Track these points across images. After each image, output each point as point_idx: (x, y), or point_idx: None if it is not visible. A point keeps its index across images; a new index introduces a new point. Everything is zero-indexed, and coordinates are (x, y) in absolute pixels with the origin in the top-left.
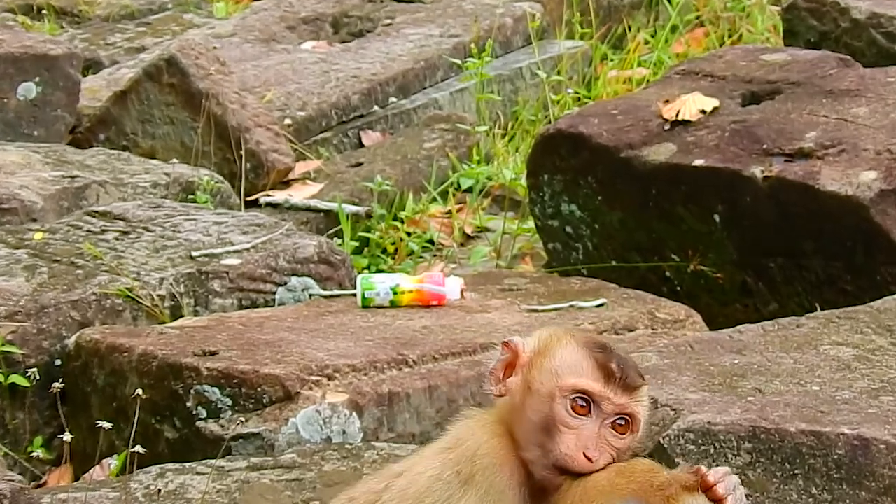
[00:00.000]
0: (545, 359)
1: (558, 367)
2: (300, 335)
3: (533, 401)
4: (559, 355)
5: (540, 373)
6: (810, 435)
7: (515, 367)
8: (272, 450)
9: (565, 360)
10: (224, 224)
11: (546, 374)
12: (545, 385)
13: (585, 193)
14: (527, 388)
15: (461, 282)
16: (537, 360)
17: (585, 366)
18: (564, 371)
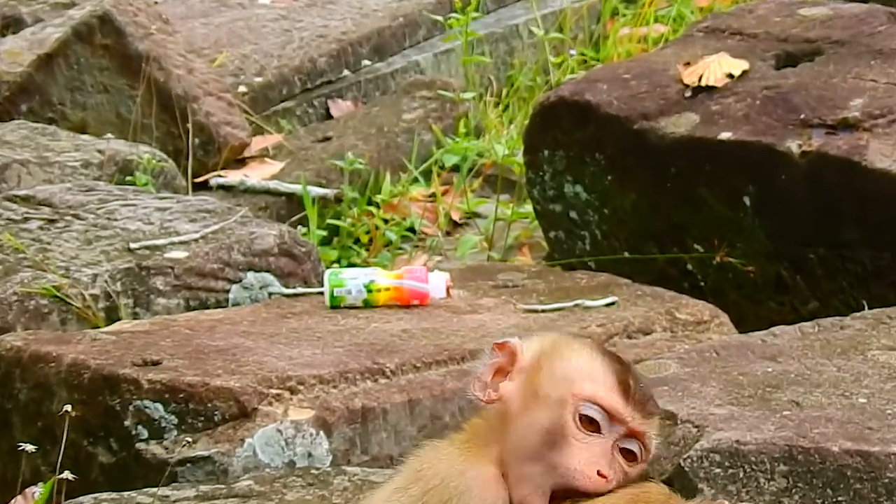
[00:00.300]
0: (557, 362)
1: (573, 373)
2: (258, 341)
3: (538, 407)
4: (574, 360)
5: (550, 376)
6: (856, 455)
7: (511, 372)
8: (225, 476)
9: (582, 365)
10: (168, 210)
11: (558, 378)
12: (556, 390)
13: (593, 172)
14: (530, 393)
15: (447, 277)
16: (546, 363)
17: (604, 376)
18: (581, 377)
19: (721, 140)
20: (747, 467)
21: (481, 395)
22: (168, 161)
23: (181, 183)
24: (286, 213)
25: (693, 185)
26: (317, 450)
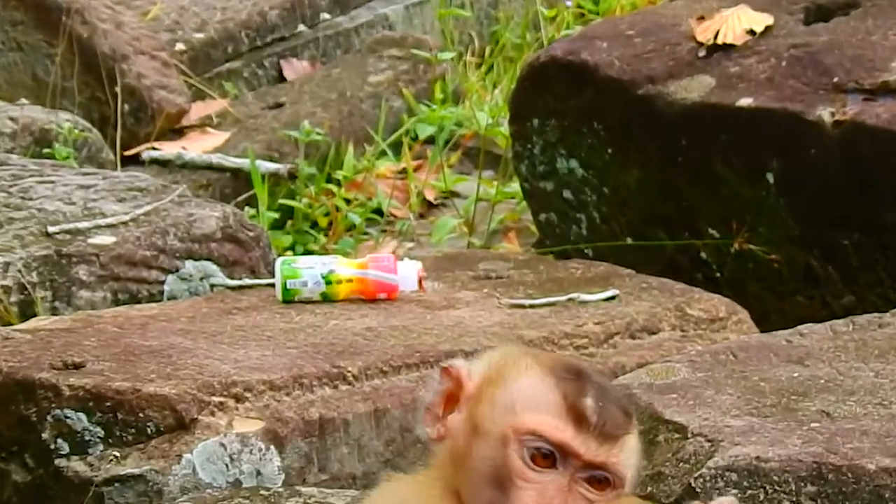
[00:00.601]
0: (497, 389)
1: (515, 401)
2: (197, 341)
3: (480, 445)
4: (517, 385)
5: (491, 408)
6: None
7: (459, 401)
8: (159, 497)
9: (524, 391)
10: (93, 188)
11: (498, 409)
12: (497, 424)
13: (590, 145)
14: (472, 427)
15: (419, 267)
16: (487, 391)
17: (550, 403)
18: (523, 407)
19: (740, 107)
20: (769, 488)
21: (431, 433)
22: (93, 131)
23: (108, 156)
24: (231, 191)
25: (708, 159)
26: (267, 467)
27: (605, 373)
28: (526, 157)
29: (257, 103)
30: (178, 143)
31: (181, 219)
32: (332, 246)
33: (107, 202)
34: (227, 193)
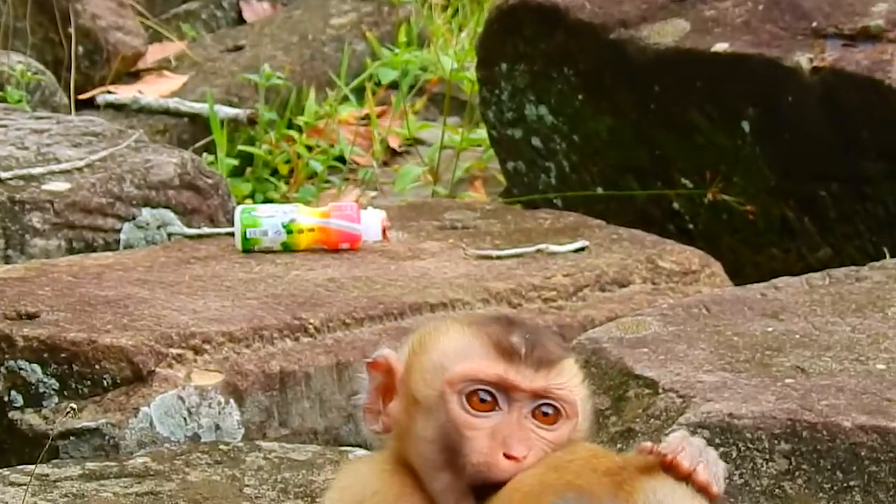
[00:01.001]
0: (423, 356)
1: (442, 359)
2: (155, 291)
3: (422, 414)
4: (441, 344)
5: (422, 375)
6: (873, 432)
7: (395, 388)
8: (116, 451)
9: (450, 346)
10: (47, 133)
11: (429, 373)
12: (431, 388)
13: (560, 91)
14: (410, 403)
15: (383, 216)
16: (416, 362)
17: (476, 346)
18: (450, 360)
19: (716, 53)
20: (742, 445)
21: (377, 427)
22: (46, 73)
23: (62, 100)
24: (189, 137)
25: (681, 107)
26: (226, 421)
27: (574, 326)
28: (493, 104)
29: (216, 46)
30: (134, 87)
31: (138, 165)
32: (293, 194)
33: (61, 147)
34: (184, 139)
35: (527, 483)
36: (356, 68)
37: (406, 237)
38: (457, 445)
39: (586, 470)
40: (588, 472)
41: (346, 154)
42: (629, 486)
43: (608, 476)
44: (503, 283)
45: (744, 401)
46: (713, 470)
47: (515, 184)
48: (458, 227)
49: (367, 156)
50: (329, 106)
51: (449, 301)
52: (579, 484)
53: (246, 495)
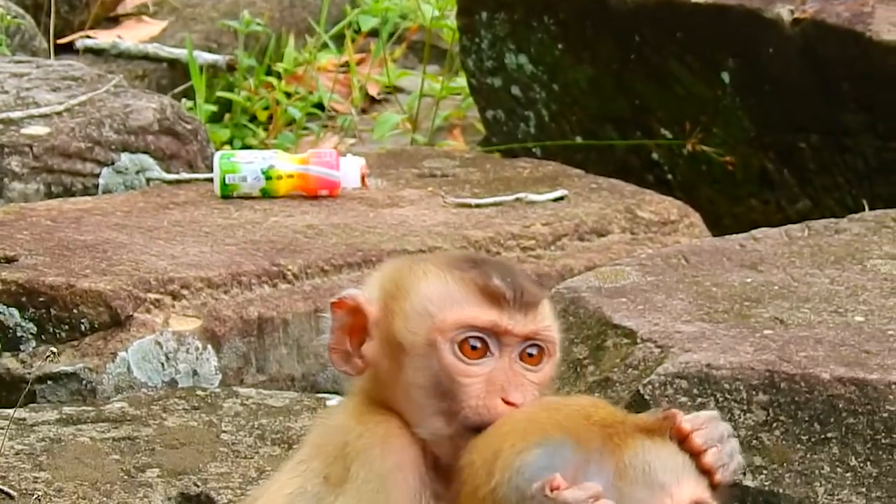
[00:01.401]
0: (405, 301)
1: (428, 305)
2: (133, 235)
3: (410, 360)
4: (423, 289)
5: (406, 321)
6: (850, 384)
7: (367, 329)
8: (93, 396)
9: (434, 292)
10: (26, 77)
11: (414, 319)
12: (419, 334)
13: (540, 40)
14: (395, 348)
15: (362, 163)
16: (395, 307)
17: (463, 293)
18: (438, 306)
19: (696, 3)
20: (720, 396)
21: (349, 369)
22: (26, 17)
23: (41, 44)
24: (168, 82)
25: (661, 57)
26: (203, 367)
27: (553, 276)
28: (473, 52)
29: None
30: (113, 32)
31: (117, 110)
32: (272, 141)
33: (40, 91)
34: (163, 84)
35: (517, 420)
36: (336, 15)
37: (385, 185)
38: (451, 392)
39: (579, 417)
40: (580, 418)
41: (324, 101)
42: (620, 440)
43: (600, 426)
44: (482, 231)
45: (722, 351)
46: (726, 460)
47: (494, 132)
48: (437, 176)
49: (345, 103)
50: (308, 53)
51: (427, 249)
52: (567, 427)
53: (223, 441)
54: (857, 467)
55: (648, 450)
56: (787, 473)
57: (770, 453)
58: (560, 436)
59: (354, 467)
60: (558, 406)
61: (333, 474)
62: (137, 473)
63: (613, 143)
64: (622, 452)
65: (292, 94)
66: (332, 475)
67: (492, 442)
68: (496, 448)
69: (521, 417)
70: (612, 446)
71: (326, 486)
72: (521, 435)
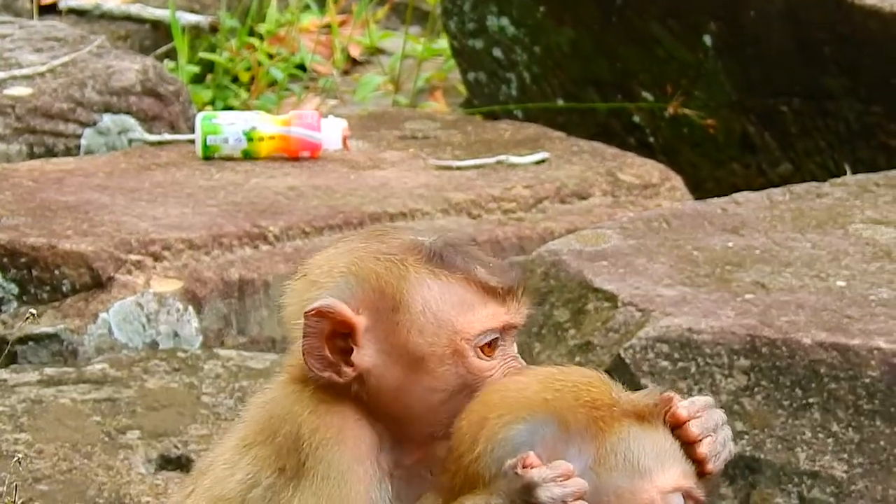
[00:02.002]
0: (411, 315)
1: (442, 317)
2: (115, 197)
3: (433, 368)
4: (429, 298)
5: (420, 333)
6: (832, 349)
7: (355, 337)
8: (74, 357)
9: (442, 300)
10: (8, 38)
11: (430, 330)
12: (438, 344)
13: (522, 3)
14: (408, 359)
15: (344, 125)
16: (397, 319)
17: (469, 296)
18: (456, 313)
19: None
20: (701, 360)
21: (333, 376)
22: None
23: (24, 5)
24: (151, 43)
25: (644, 20)
26: (184, 329)
27: (534, 238)
28: (455, 14)
29: None
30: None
31: (99, 71)
32: (254, 102)
33: (23, 52)
34: (146, 45)
35: (508, 390)
36: None
37: (366, 146)
38: (474, 389)
39: (570, 395)
40: (570, 398)
41: (306, 62)
42: (606, 423)
43: (589, 408)
44: (463, 193)
45: (703, 316)
46: (718, 449)
47: (476, 94)
48: (419, 137)
49: (327, 64)
50: (290, 14)
51: (409, 211)
52: (555, 406)
53: (203, 403)
54: (839, 433)
55: (634, 436)
56: (768, 439)
57: (751, 419)
58: (545, 414)
59: (311, 462)
60: (552, 381)
61: (289, 467)
62: (118, 435)
63: (595, 105)
64: (605, 437)
65: (274, 56)
66: (287, 468)
67: (481, 410)
68: (483, 416)
69: (513, 388)
70: (595, 430)
71: (281, 479)
72: (509, 407)
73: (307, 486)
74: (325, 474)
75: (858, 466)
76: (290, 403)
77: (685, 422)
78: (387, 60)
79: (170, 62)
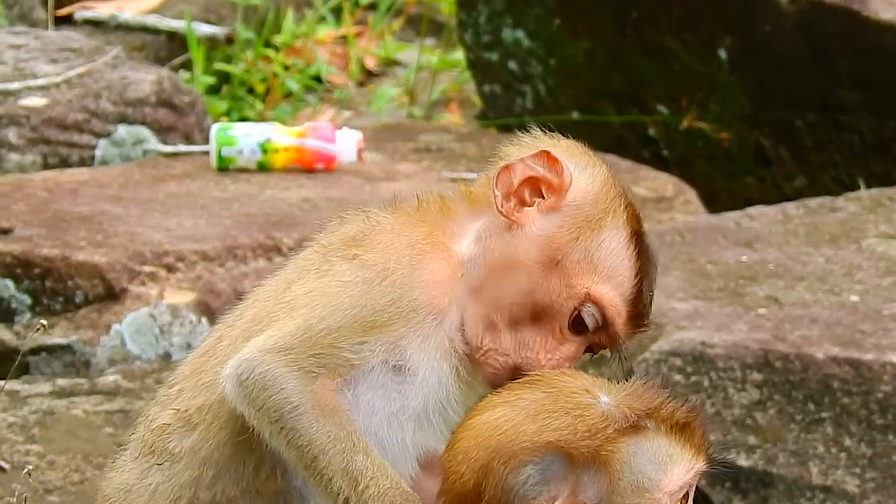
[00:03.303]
0: (591, 238)
1: (599, 264)
2: (129, 208)
3: (552, 278)
4: (607, 246)
5: (579, 254)
6: (845, 364)
7: (549, 199)
8: (87, 369)
9: (611, 259)
10: (24, 48)
11: (584, 261)
12: (576, 275)
13: (537, 15)
14: (552, 254)
15: (359, 137)
16: (582, 231)
17: (627, 278)
18: (604, 275)
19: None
20: (714, 374)
21: (500, 200)
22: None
23: (40, 15)
24: (166, 54)
25: (658, 33)
26: (197, 340)
27: None
28: (471, 26)
29: None
30: (112, 3)
31: (115, 81)
32: (269, 113)
33: (38, 63)
34: (161, 56)
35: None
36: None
37: (381, 158)
38: (540, 327)
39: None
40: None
41: (322, 74)
42: (606, 450)
43: (586, 440)
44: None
45: (717, 330)
46: None
47: (491, 107)
48: (433, 150)
49: (343, 76)
50: (306, 25)
51: None
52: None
53: None
54: (852, 448)
55: (634, 453)
56: (780, 453)
57: (764, 432)
58: (550, 452)
59: (390, 263)
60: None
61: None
62: None
63: (610, 118)
64: (611, 464)
65: (290, 67)
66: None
67: (480, 455)
68: (485, 462)
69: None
70: (600, 459)
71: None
72: (511, 451)
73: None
74: (395, 266)
75: (871, 481)
76: (399, 221)
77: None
78: (402, 72)
79: (185, 73)
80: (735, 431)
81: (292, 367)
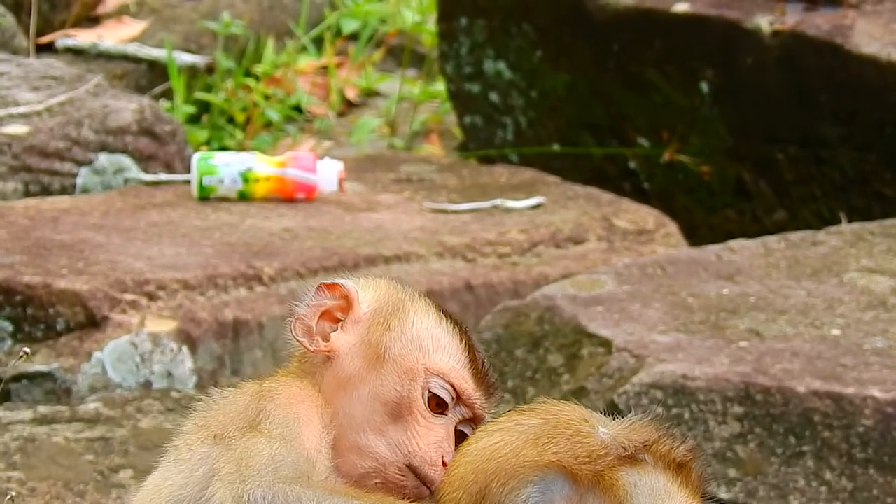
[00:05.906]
0: (402, 323)
1: (424, 341)
2: (110, 236)
3: (384, 374)
4: (422, 324)
5: (400, 340)
6: (826, 398)
7: (345, 321)
8: (68, 396)
9: (432, 333)
10: (6, 76)
11: (408, 344)
12: (406, 358)
13: (519, 47)
14: (374, 354)
15: (340, 167)
16: (393, 322)
17: (455, 349)
18: (433, 348)
19: (675, 13)
20: (695, 407)
21: (307, 343)
22: (6, 16)
23: (21, 43)
24: (147, 83)
25: (640, 65)
26: (178, 368)
27: (528, 283)
28: (452, 58)
29: None
30: (93, 32)
31: (96, 110)
32: (250, 142)
33: (20, 90)
34: (142, 85)
35: (501, 458)
36: (315, 18)
37: (362, 189)
38: (404, 422)
39: (568, 456)
40: (569, 458)
41: (302, 104)
42: (608, 477)
43: (588, 464)
44: (458, 237)
45: (698, 362)
46: None
47: (472, 138)
48: (414, 180)
49: (323, 106)
50: (287, 55)
51: (404, 254)
52: (561, 466)
53: None
54: (832, 482)
55: (634, 484)
56: (761, 486)
57: (744, 465)
58: (553, 472)
59: (261, 417)
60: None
61: (231, 431)
62: (111, 474)
63: (591, 150)
64: (615, 490)
65: (270, 97)
66: (226, 435)
67: (478, 478)
68: (484, 485)
69: (506, 451)
70: (603, 484)
71: (216, 446)
72: (512, 471)
73: (258, 433)
74: (279, 422)
75: None
76: (250, 389)
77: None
78: (383, 103)
79: (166, 102)
80: (716, 464)
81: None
